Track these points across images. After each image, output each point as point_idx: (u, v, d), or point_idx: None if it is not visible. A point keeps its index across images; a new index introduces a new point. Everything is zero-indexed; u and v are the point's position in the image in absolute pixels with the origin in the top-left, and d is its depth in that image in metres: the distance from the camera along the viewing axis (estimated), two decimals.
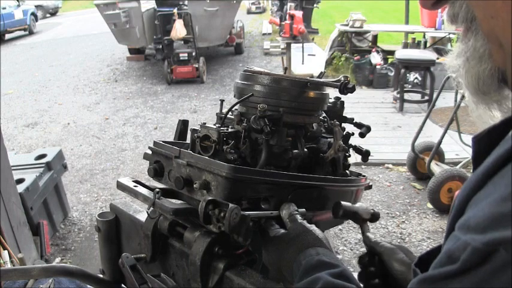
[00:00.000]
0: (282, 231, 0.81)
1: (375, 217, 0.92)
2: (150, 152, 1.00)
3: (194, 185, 0.84)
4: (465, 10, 0.50)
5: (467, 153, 4.54)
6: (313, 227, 0.80)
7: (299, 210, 0.84)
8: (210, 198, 0.76)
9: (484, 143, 0.52)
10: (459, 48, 0.53)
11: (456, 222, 0.46)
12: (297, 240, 0.77)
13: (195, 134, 0.94)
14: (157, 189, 0.90)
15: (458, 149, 4.74)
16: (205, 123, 0.94)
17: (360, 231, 0.87)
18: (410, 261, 0.80)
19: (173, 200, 0.92)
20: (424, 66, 6.23)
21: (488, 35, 0.49)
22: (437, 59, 6.19)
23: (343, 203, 0.86)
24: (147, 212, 0.98)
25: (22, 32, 15.69)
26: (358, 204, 0.89)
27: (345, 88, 0.92)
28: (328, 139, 1.02)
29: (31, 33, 15.82)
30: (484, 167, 0.46)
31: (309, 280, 0.69)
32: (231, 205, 0.74)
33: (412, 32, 8.09)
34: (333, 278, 0.67)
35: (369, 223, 0.89)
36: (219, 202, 0.76)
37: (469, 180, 0.49)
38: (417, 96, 6.59)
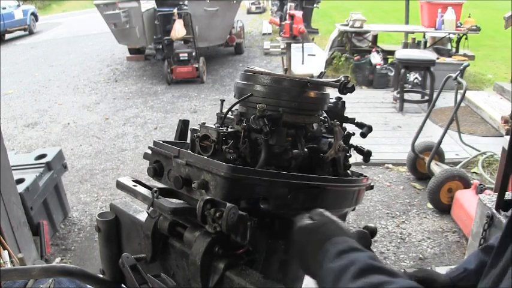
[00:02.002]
0: (309, 221, 0.80)
1: None
2: (150, 151, 1.00)
3: (193, 185, 0.84)
4: None
5: (467, 153, 4.54)
6: (338, 219, 0.79)
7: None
8: (207, 197, 0.76)
9: None
10: None
11: None
12: (324, 229, 0.76)
13: (195, 134, 0.94)
14: (155, 189, 0.90)
15: (458, 149, 4.74)
16: (204, 123, 0.94)
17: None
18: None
19: (173, 200, 0.92)
20: (424, 66, 6.24)
21: None
22: (437, 59, 6.20)
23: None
24: (148, 212, 0.98)
25: (22, 32, 15.69)
26: None
27: (344, 88, 0.92)
28: (329, 139, 1.02)
29: (31, 33, 15.83)
30: None
31: (345, 263, 0.67)
32: (228, 205, 0.74)
33: (412, 32, 8.09)
34: (371, 260, 0.66)
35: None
36: (217, 202, 0.76)
37: None
38: (417, 96, 6.59)
